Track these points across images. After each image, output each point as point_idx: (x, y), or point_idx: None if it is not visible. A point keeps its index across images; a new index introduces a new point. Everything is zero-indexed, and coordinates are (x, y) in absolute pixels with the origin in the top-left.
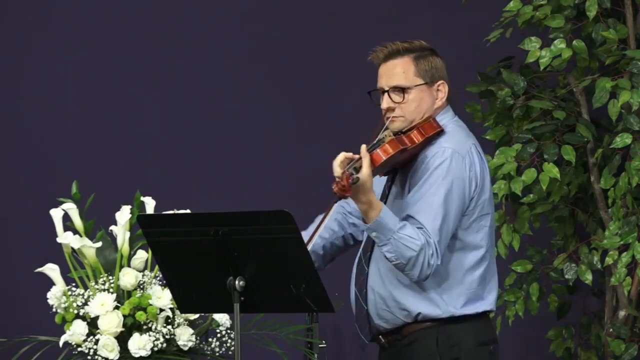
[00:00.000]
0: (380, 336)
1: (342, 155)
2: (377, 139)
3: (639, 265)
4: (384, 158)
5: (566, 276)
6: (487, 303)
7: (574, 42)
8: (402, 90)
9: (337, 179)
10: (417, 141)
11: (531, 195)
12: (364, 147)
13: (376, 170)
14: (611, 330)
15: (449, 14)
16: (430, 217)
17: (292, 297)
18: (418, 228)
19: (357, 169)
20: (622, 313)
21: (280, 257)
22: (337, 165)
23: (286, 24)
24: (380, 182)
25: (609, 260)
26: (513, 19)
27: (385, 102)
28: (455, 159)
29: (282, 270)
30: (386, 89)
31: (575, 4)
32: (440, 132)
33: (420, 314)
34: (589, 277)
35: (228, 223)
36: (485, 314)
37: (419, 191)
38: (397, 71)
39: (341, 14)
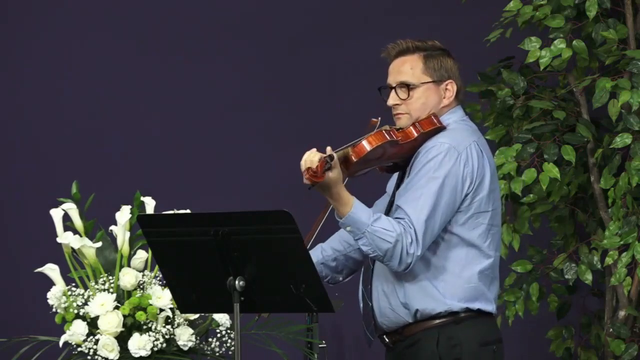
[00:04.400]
0: (384, 336)
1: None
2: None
3: (639, 265)
4: (368, 149)
5: (566, 276)
6: (489, 302)
7: (574, 42)
8: (408, 87)
9: (307, 167)
10: (411, 136)
11: (531, 195)
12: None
13: (362, 162)
14: (611, 330)
15: (449, 14)
16: (418, 208)
17: (292, 297)
18: (399, 218)
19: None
20: (622, 313)
21: (280, 257)
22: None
23: (286, 25)
24: (392, 180)
25: (609, 260)
26: (513, 19)
27: (391, 99)
28: (450, 154)
29: (282, 270)
30: (393, 85)
31: (575, 4)
32: (440, 129)
33: (419, 311)
34: (589, 277)
35: (228, 223)
36: (487, 313)
37: (410, 182)
38: (404, 68)
39: (341, 14)
